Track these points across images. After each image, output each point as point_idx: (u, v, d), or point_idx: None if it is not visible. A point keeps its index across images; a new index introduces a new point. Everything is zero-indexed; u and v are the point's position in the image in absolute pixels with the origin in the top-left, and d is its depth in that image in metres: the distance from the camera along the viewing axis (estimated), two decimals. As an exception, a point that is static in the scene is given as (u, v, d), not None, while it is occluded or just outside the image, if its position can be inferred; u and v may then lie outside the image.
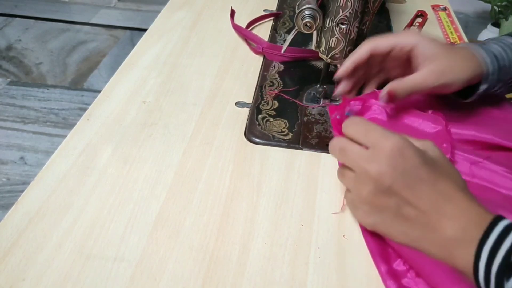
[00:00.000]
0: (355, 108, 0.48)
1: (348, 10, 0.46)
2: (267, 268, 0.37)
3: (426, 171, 0.34)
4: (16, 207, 0.41)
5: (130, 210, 0.41)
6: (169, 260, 0.37)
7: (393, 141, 0.35)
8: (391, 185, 0.35)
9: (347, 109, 0.48)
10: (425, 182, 0.34)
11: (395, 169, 0.35)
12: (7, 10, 2.20)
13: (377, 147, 0.35)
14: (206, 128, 0.51)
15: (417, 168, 0.34)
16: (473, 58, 0.46)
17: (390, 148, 0.35)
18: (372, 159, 0.36)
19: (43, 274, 0.35)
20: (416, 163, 0.34)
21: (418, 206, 0.34)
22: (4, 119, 1.55)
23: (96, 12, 2.24)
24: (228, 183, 0.44)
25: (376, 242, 0.38)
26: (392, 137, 0.35)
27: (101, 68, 1.83)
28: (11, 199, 1.28)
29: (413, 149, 0.35)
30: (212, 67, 0.61)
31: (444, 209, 0.33)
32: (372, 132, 0.36)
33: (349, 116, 0.44)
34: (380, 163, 0.35)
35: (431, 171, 0.35)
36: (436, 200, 0.34)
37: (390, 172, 0.35)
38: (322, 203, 0.42)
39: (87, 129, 0.50)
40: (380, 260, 0.36)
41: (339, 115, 0.46)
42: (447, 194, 0.34)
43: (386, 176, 0.35)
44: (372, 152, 0.36)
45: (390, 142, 0.35)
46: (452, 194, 0.34)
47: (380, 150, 0.35)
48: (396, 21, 0.76)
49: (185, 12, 0.74)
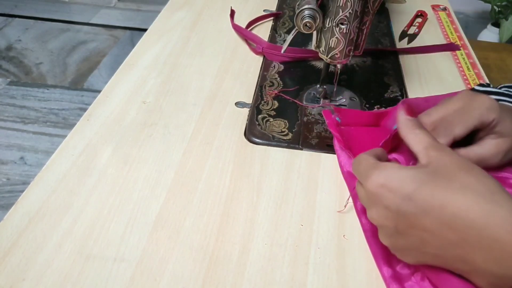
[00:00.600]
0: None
1: (348, 10, 0.46)
2: (267, 268, 0.37)
3: (422, 199, 0.30)
4: (16, 207, 0.41)
5: (130, 210, 0.41)
6: (169, 260, 0.37)
7: (372, 180, 0.32)
8: (396, 227, 0.32)
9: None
10: (429, 213, 0.30)
11: (389, 209, 0.31)
12: (7, 10, 2.20)
13: (366, 191, 0.34)
14: (206, 128, 0.51)
15: (408, 200, 0.30)
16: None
17: (372, 189, 0.32)
18: (367, 205, 0.35)
19: (43, 274, 0.35)
20: (404, 195, 0.30)
21: (436, 245, 0.30)
22: (4, 119, 1.55)
23: (96, 12, 2.24)
24: (228, 183, 0.44)
25: (379, 245, 0.37)
26: (372, 174, 0.33)
27: (101, 68, 1.83)
28: (11, 199, 1.28)
29: (397, 178, 0.31)
30: (212, 67, 0.61)
31: (466, 239, 0.28)
32: (360, 173, 0.35)
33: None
34: (372, 211, 0.34)
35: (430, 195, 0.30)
36: (453, 230, 0.29)
37: (386, 216, 0.32)
38: (322, 203, 0.42)
39: (87, 129, 0.50)
40: (383, 264, 0.36)
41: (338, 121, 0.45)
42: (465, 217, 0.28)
43: (386, 221, 0.32)
44: (365, 197, 0.35)
45: (370, 182, 0.33)
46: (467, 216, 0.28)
47: (367, 193, 0.34)
48: (396, 21, 0.76)
49: (185, 12, 0.74)
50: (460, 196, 0.29)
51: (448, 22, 0.76)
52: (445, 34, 0.72)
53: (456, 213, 0.29)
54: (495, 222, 0.27)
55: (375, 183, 0.32)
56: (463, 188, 0.29)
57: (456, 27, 0.75)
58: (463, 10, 2.18)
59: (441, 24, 0.75)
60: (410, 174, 0.31)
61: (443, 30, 0.73)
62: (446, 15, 0.78)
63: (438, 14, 0.78)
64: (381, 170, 0.32)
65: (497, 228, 0.27)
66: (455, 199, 0.29)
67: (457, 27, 0.75)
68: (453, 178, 0.30)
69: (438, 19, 0.77)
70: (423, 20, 0.75)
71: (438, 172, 0.31)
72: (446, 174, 0.31)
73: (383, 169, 0.33)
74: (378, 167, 0.33)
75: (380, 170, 0.33)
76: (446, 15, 0.78)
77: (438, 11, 0.79)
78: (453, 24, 0.76)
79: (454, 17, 0.78)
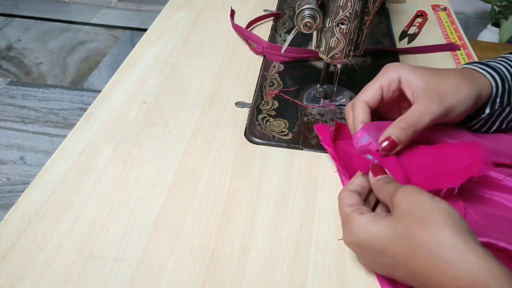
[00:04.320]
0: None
1: (348, 10, 0.46)
2: (267, 268, 0.37)
3: (389, 256, 0.32)
4: (16, 207, 0.41)
5: (130, 210, 0.41)
6: (169, 260, 0.37)
7: (345, 238, 0.35)
8: (370, 268, 0.36)
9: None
10: (396, 267, 0.32)
11: (365, 259, 0.36)
12: (7, 10, 2.20)
13: (343, 236, 0.36)
14: (206, 128, 0.51)
15: (378, 256, 0.33)
16: (474, 74, 0.42)
17: (347, 245, 0.36)
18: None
19: (43, 274, 0.35)
20: (376, 252, 0.33)
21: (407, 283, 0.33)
22: (4, 119, 1.55)
23: (96, 12, 2.24)
24: (228, 183, 0.44)
25: None
26: (345, 231, 0.35)
27: (101, 68, 1.83)
28: (11, 199, 1.28)
29: (367, 238, 0.33)
30: (212, 67, 0.61)
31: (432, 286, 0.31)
32: (341, 218, 0.37)
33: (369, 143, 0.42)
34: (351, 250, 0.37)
35: (395, 253, 0.32)
36: (421, 281, 0.31)
37: (362, 260, 0.36)
38: (322, 203, 0.42)
39: (87, 129, 0.50)
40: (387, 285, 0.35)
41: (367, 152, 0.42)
42: (424, 274, 0.30)
43: (361, 262, 0.37)
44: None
45: (344, 239, 0.36)
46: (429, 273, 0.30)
47: (345, 242, 0.36)
48: (396, 21, 0.76)
49: (185, 12, 0.74)
50: (417, 254, 0.30)
51: (448, 22, 0.76)
52: (445, 34, 0.72)
53: (417, 270, 0.31)
54: (451, 280, 0.29)
55: (347, 241, 0.35)
56: (419, 246, 0.30)
57: (456, 27, 0.75)
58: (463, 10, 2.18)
59: (441, 24, 0.75)
60: (375, 232, 0.33)
61: (443, 30, 0.73)
62: (446, 15, 0.78)
63: (438, 14, 0.78)
64: (351, 229, 0.34)
65: (456, 284, 0.29)
66: (414, 257, 0.31)
67: (457, 27, 0.75)
68: (410, 233, 0.31)
69: (438, 19, 0.77)
70: (423, 20, 0.75)
71: (398, 225, 0.32)
72: (405, 227, 0.32)
73: (352, 225, 0.34)
74: (349, 222, 0.35)
75: (350, 228, 0.35)
76: (446, 15, 0.78)
77: (438, 11, 0.79)
78: (453, 24, 0.76)
79: (454, 17, 0.78)
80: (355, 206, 0.36)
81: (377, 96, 0.43)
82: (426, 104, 0.40)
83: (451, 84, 0.41)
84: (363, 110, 0.43)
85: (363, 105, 0.43)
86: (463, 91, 0.41)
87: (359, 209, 0.35)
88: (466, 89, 0.41)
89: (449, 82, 0.41)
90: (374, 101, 0.43)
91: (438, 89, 0.40)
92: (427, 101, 0.40)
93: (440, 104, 0.40)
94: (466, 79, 0.41)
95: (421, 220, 0.31)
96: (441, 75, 0.42)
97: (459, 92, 0.40)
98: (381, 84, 0.43)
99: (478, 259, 0.28)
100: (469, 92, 0.41)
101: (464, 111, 0.41)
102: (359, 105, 0.43)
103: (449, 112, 0.40)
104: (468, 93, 0.41)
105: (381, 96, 0.43)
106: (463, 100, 0.40)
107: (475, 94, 0.41)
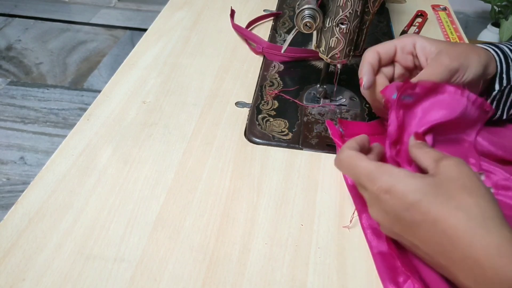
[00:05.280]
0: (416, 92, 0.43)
1: (348, 10, 0.46)
2: (268, 268, 0.37)
3: (420, 211, 0.31)
4: (16, 207, 0.41)
5: (130, 211, 0.41)
6: (169, 260, 0.37)
7: (379, 184, 0.34)
8: (392, 229, 0.35)
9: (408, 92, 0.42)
10: (421, 225, 0.32)
11: (388, 213, 0.34)
12: (7, 10, 2.20)
13: (368, 191, 0.35)
14: (206, 128, 0.51)
15: (407, 210, 0.32)
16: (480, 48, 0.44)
17: (376, 193, 0.34)
18: (369, 203, 0.36)
19: (43, 274, 0.35)
20: (406, 204, 0.32)
21: (425, 251, 0.33)
22: (4, 119, 1.55)
23: (96, 12, 2.24)
24: (228, 183, 0.44)
25: (385, 263, 0.37)
26: (378, 179, 0.34)
27: (101, 68, 1.83)
28: (11, 199, 1.28)
29: (403, 187, 0.32)
30: (212, 67, 0.61)
31: (451, 255, 0.30)
32: (359, 175, 0.36)
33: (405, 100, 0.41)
34: (373, 209, 0.35)
35: (427, 209, 0.31)
36: (440, 244, 0.31)
37: (384, 217, 0.34)
38: (322, 203, 0.42)
39: (87, 129, 0.50)
40: (388, 282, 0.35)
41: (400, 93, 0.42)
42: (452, 236, 0.30)
43: (384, 221, 0.35)
44: (367, 196, 0.36)
45: (375, 186, 0.34)
46: (455, 234, 0.30)
47: (370, 194, 0.35)
48: (396, 21, 0.76)
49: (185, 12, 0.74)
50: (453, 215, 0.30)
51: (448, 22, 0.76)
52: (445, 34, 0.72)
53: (445, 230, 0.30)
54: (480, 246, 0.29)
55: (380, 188, 0.34)
56: (458, 208, 0.30)
57: (456, 27, 0.75)
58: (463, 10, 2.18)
59: (441, 24, 0.75)
60: (414, 184, 0.32)
61: (443, 30, 0.73)
62: (446, 15, 0.78)
63: (438, 14, 0.78)
64: (391, 174, 0.33)
65: (480, 252, 0.29)
66: (447, 217, 0.30)
67: (457, 27, 0.75)
68: (452, 196, 0.31)
69: (438, 19, 0.77)
70: (423, 20, 0.75)
71: (441, 186, 0.32)
72: (447, 190, 0.32)
73: (389, 175, 0.33)
74: (388, 171, 0.34)
75: (387, 175, 0.33)
76: (446, 15, 0.78)
77: (438, 11, 0.79)
78: (453, 24, 0.76)
79: (454, 17, 0.78)
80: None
81: (389, 51, 0.46)
82: (437, 64, 0.42)
83: (462, 49, 0.43)
84: (373, 56, 0.46)
85: (374, 52, 0.46)
86: (473, 56, 0.43)
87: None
88: (475, 55, 0.43)
89: (461, 47, 0.44)
90: (385, 54, 0.46)
91: (450, 52, 0.43)
92: (438, 61, 0.42)
93: (450, 63, 0.42)
94: (476, 49, 0.44)
95: (468, 188, 0.31)
96: (454, 43, 0.45)
97: (469, 56, 0.43)
98: (396, 44, 0.46)
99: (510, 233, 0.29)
100: (478, 58, 0.43)
101: (474, 77, 0.43)
102: (371, 51, 0.46)
103: (460, 72, 0.42)
104: (477, 59, 0.43)
105: (394, 54, 0.46)
106: (474, 64, 0.43)
107: (483, 62, 0.43)
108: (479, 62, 0.43)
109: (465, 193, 0.31)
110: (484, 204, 0.30)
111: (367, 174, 0.35)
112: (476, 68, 0.43)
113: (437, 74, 0.42)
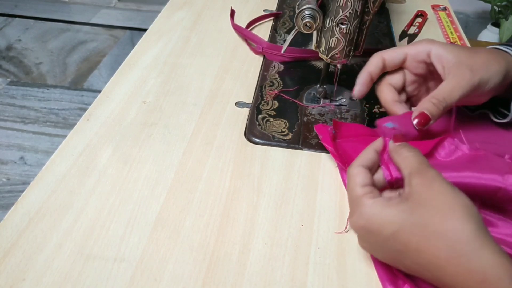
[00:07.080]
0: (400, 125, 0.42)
1: (348, 10, 0.46)
2: (267, 268, 0.37)
3: (400, 241, 0.31)
4: (16, 207, 0.41)
5: (130, 210, 0.41)
6: (169, 260, 0.37)
7: (354, 220, 0.34)
8: (380, 257, 0.35)
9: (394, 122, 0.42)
10: (406, 254, 0.31)
11: (371, 244, 0.35)
12: (7, 10, 2.20)
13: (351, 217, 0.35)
14: (206, 128, 0.51)
15: (388, 241, 0.32)
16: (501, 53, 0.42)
17: (355, 228, 0.35)
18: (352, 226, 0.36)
19: (43, 274, 0.35)
20: (385, 237, 0.32)
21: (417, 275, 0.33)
22: (4, 119, 1.55)
23: (96, 12, 2.24)
24: (228, 183, 0.44)
25: (384, 266, 0.36)
26: (354, 213, 0.34)
27: (101, 68, 1.83)
28: (11, 199, 1.28)
29: (379, 222, 0.32)
30: (212, 67, 0.61)
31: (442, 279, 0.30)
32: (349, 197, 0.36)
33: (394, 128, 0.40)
34: (358, 239, 0.36)
35: (407, 239, 0.31)
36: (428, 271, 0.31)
37: (370, 249, 0.36)
38: (322, 203, 0.42)
39: (87, 129, 0.50)
40: (388, 283, 0.35)
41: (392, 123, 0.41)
42: (437, 264, 0.30)
43: (371, 251, 0.36)
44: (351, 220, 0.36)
45: (352, 221, 0.35)
46: (442, 264, 0.30)
47: (352, 224, 0.35)
48: (396, 21, 0.76)
49: (185, 12, 0.74)
50: (433, 245, 0.30)
51: (448, 22, 0.76)
52: (445, 34, 0.72)
53: (430, 260, 0.30)
54: (464, 276, 0.29)
55: (355, 224, 0.34)
56: (435, 237, 0.30)
57: (456, 27, 0.75)
58: (463, 10, 2.18)
59: (441, 24, 0.75)
60: (390, 216, 0.32)
61: (443, 30, 0.73)
62: (446, 15, 0.78)
63: (438, 14, 0.78)
64: (362, 211, 0.33)
65: (467, 280, 0.29)
66: (428, 248, 0.30)
67: (457, 27, 0.75)
68: (428, 223, 0.31)
69: (438, 19, 0.77)
70: (423, 20, 0.75)
71: (415, 211, 0.31)
72: (422, 216, 0.31)
73: (364, 209, 0.33)
74: (360, 206, 0.34)
75: (361, 210, 0.33)
76: (446, 15, 0.78)
77: (438, 11, 0.79)
78: (453, 24, 0.76)
79: (454, 17, 0.78)
80: (367, 188, 0.35)
81: (396, 58, 0.44)
82: (458, 78, 0.40)
83: (482, 59, 0.41)
84: (375, 64, 0.44)
85: (378, 58, 0.44)
86: (494, 66, 0.41)
87: (371, 192, 0.34)
88: (495, 64, 0.41)
89: (480, 57, 0.41)
90: (391, 61, 0.44)
91: (470, 63, 0.40)
92: (459, 75, 0.40)
93: (472, 78, 0.40)
94: (495, 56, 0.42)
95: (441, 211, 0.30)
96: (472, 50, 0.42)
97: (490, 67, 0.41)
98: (407, 52, 0.44)
99: (493, 254, 0.28)
100: (499, 68, 0.41)
101: (493, 87, 0.41)
102: (376, 57, 0.44)
103: (481, 86, 0.40)
104: (497, 69, 0.41)
105: (402, 62, 0.44)
106: (494, 75, 0.41)
107: (503, 70, 0.41)
108: (499, 72, 0.41)
109: (439, 218, 0.30)
110: (460, 227, 0.30)
111: (351, 202, 0.36)
112: (496, 78, 0.41)
113: (458, 89, 0.40)
